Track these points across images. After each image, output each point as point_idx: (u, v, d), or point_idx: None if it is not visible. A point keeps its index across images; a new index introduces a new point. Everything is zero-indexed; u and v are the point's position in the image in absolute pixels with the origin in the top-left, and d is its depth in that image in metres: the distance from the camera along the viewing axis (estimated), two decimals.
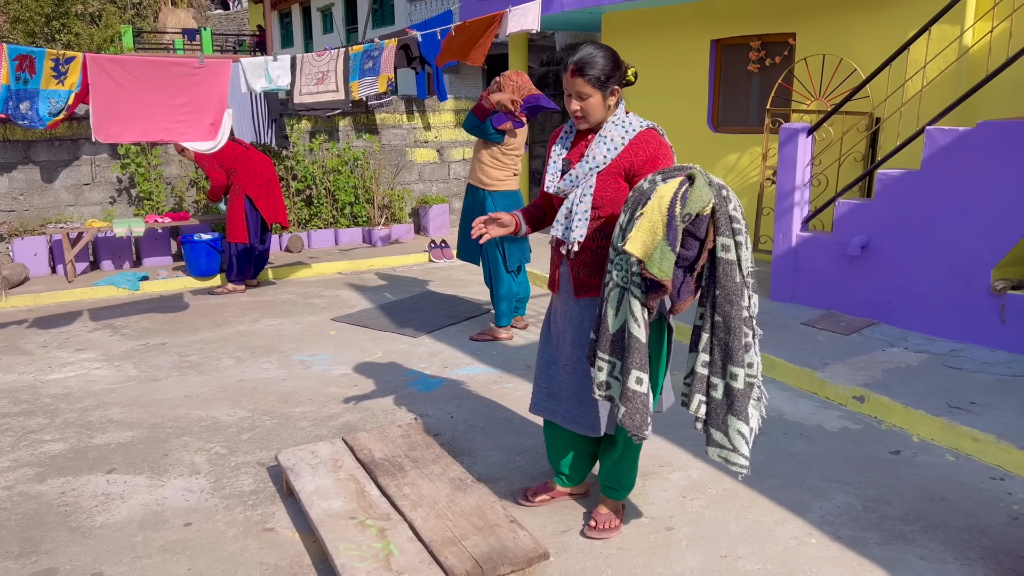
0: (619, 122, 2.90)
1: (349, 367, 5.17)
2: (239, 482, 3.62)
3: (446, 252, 8.48)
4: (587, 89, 2.81)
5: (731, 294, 2.57)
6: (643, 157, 2.83)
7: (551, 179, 2.98)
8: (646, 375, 2.64)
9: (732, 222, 2.55)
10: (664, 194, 2.53)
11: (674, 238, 2.50)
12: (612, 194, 2.85)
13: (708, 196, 2.50)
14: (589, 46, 2.87)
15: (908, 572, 2.87)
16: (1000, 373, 4.53)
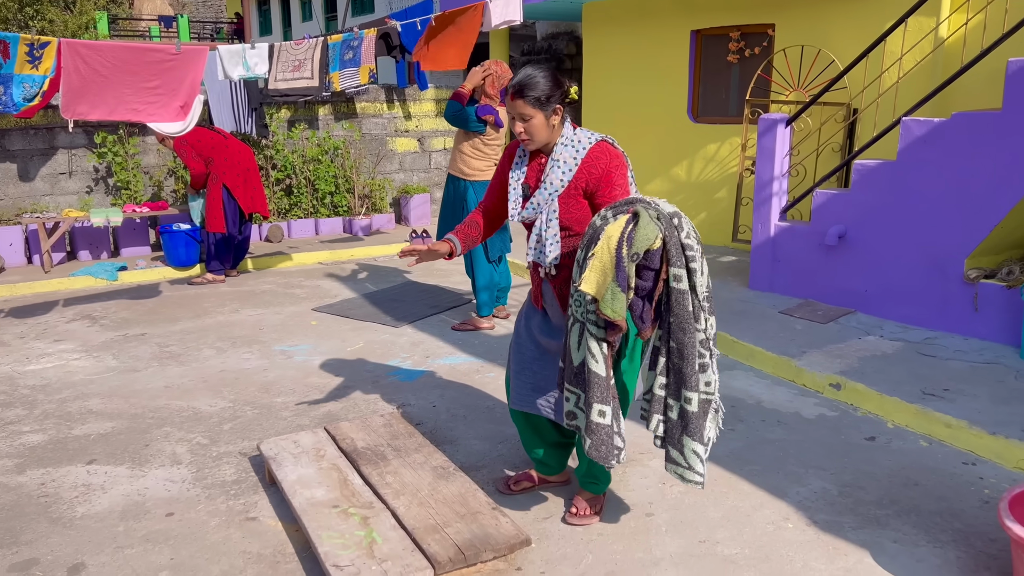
0: (569, 142, 2.95)
1: (330, 357, 5.17)
2: (221, 472, 3.62)
3: (427, 242, 8.47)
4: (528, 110, 2.86)
5: (684, 322, 2.63)
6: (597, 173, 2.87)
7: (513, 206, 3.03)
8: (609, 407, 2.69)
9: (685, 250, 2.60)
10: (612, 234, 2.61)
11: (623, 279, 2.58)
12: (577, 213, 2.93)
13: (653, 233, 2.55)
14: (528, 68, 2.94)
15: (882, 555, 2.93)
16: (972, 360, 4.62)
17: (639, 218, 2.58)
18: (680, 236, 2.60)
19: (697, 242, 2.65)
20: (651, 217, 2.57)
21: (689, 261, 2.60)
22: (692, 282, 2.61)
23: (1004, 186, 4.65)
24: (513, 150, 3.16)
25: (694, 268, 2.60)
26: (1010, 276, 4.83)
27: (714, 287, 6.29)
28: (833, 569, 2.85)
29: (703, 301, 2.64)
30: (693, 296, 2.62)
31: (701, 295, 2.63)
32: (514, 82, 2.90)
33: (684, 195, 8.02)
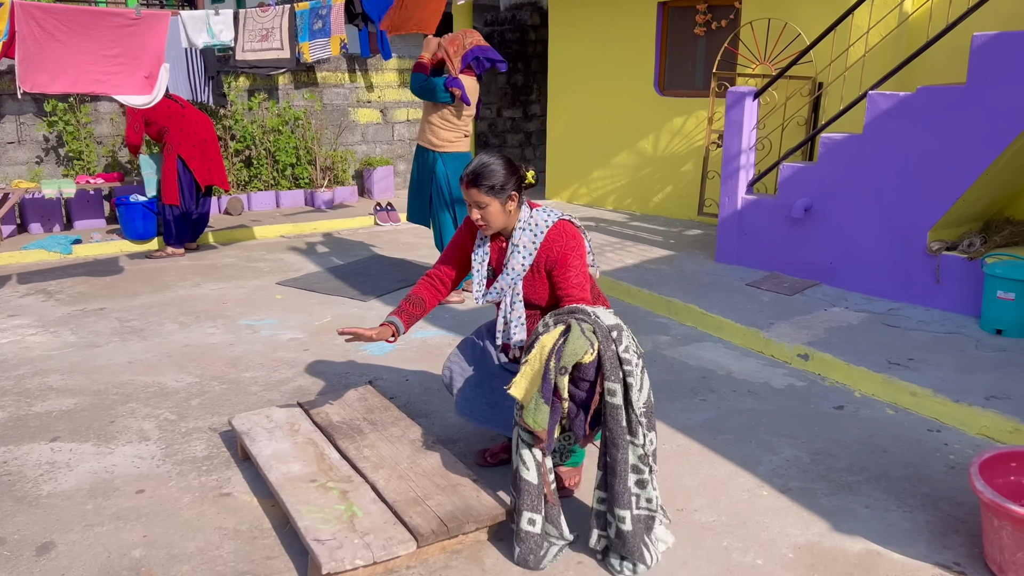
0: (527, 226, 3.00)
1: (298, 331, 5.10)
2: (191, 448, 3.55)
3: (392, 215, 8.38)
4: (484, 198, 2.90)
5: (617, 438, 2.63)
6: (554, 255, 2.95)
7: (478, 287, 3.09)
8: (539, 515, 2.70)
9: (622, 364, 2.62)
10: (545, 343, 2.65)
11: (548, 391, 2.61)
12: (541, 291, 3.02)
13: (582, 348, 2.58)
14: (483, 155, 2.99)
15: (854, 520, 3.00)
16: (935, 331, 4.72)
17: (570, 331, 2.62)
18: (618, 350, 2.63)
19: (637, 356, 2.69)
20: (582, 331, 2.61)
21: (626, 376, 2.62)
22: (628, 397, 2.63)
23: (967, 159, 4.73)
24: (473, 227, 3.18)
25: (631, 383, 2.62)
26: (971, 248, 4.93)
27: (681, 260, 6.34)
28: (808, 534, 2.90)
29: (640, 416, 2.65)
30: (629, 411, 2.64)
31: (639, 410, 2.64)
32: (468, 171, 2.96)
33: (650, 168, 8.04)
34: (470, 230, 3.19)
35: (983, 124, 4.63)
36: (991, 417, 3.65)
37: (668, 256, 6.52)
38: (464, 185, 2.95)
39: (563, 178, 9.04)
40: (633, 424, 2.63)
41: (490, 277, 3.12)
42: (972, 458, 3.45)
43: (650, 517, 2.70)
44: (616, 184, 8.45)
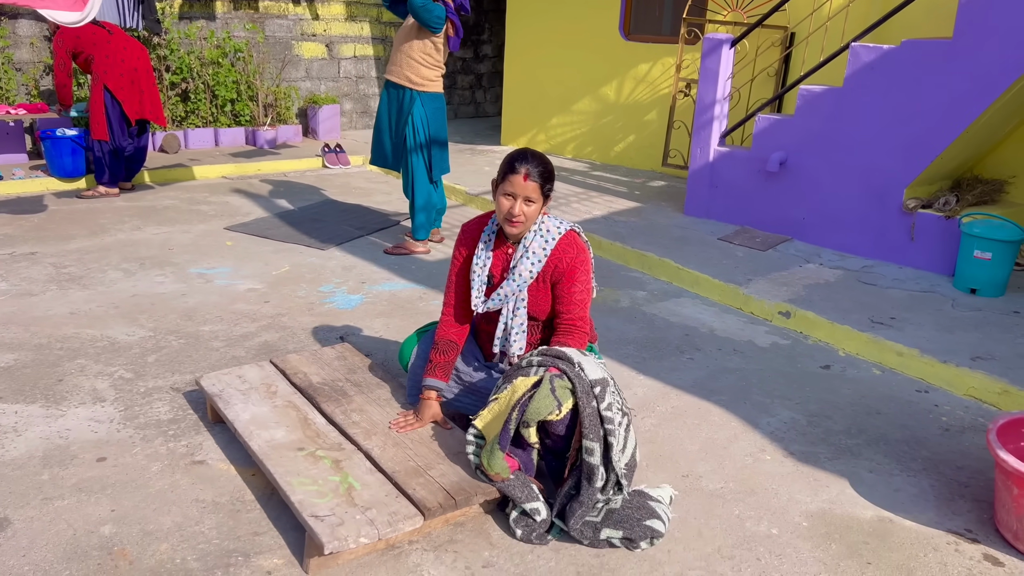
0: (539, 231, 2.83)
1: (256, 281, 4.77)
2: (154, 410, 3.25)
3: (342, 157, 7.98)
4: (537, 195, 2.74)
5: (586, 497, 2.48)
6: (564, 266, 2.81)
7: (477, 295, 2.87)
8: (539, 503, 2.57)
9: (604, 423, 2.48)
10: (517, 389, 2.57)
11: (505, 439, 2.50)
12: (544, 303, 2.88)
13: (547, 408, 2.46)
14: (536, 152, 2.79)
15: (860, 485, 2.94)
16: (911, 289, 4.72)
17: (539, 388, 2.50)
18: (599, 407, 2.49)
19: (622, 414, 2.56)
20: (552, 390, 2.48)
21: (607, 435, 2.47)
22: (608, 456, 2.48)
23: (950, 115, 4.68)
24: (475, 233, 2.95)
25: (612, 443, 2.47)
26: (947, 207, 4.93)
27: (649, 212, 6.20)
28: (818, 501, 2.83)
29: (621, 477, 2.51)
30: (608, 470, 2.49)
31: (619, 470, 2.50)
32: (530, 163, 2.73)
33: (612, 116, 7.83)
34: (472, 240, 2.96)
35: (968, 80, 4.57)
36: (979, 378, 3.65)
37: (635, 208, 6.37)
38: (523, 176, 2.70)
39: (520, 124, 8.75)
40: (609, 484, 2.51)
41: (488, 285, 2.93)
42: (964, 420, 3.45)
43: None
44: (576, 132, 8.23)
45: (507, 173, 2.74)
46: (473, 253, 2.93)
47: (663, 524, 2.57)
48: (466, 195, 6.80)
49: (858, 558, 2.54)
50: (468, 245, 2.96)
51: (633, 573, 2.43)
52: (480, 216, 3.01)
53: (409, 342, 3.14)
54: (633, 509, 2.58)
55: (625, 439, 2.53)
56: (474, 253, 2.92)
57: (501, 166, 2.80)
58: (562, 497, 2.56)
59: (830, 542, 2.61)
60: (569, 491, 2.54)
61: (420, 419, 2.87)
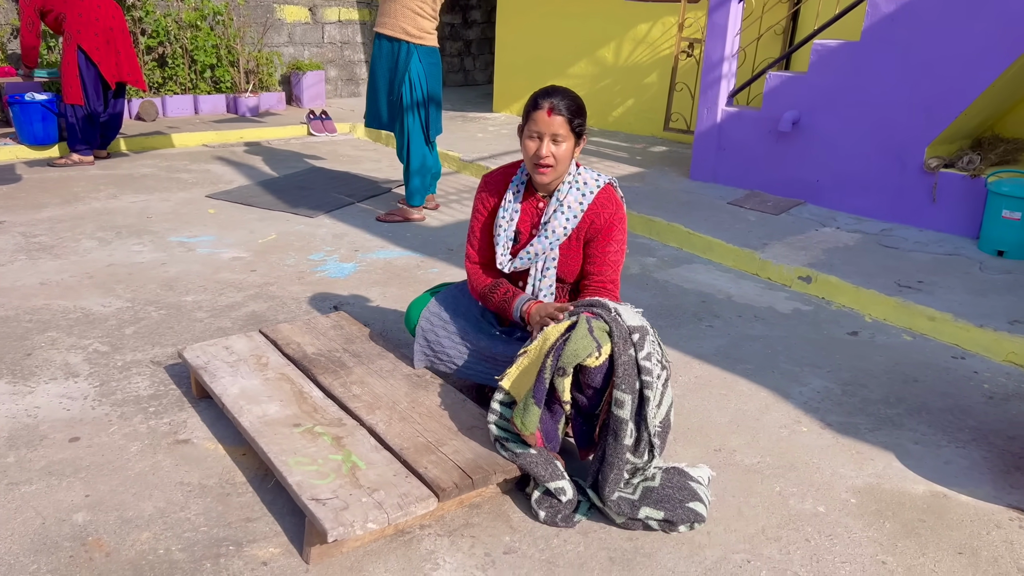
0: (576, 183, 2.56)
1: (241, 250, 4.47)
2: (132, 385, 2.97)
3: (328, 125, 7.63)
4: (564, 131, 2.44)
5: (613, 455, 2.21)
6: (599, 224, 2.55)
7: (503, 252, 2.62)
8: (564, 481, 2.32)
9: (640, 373, 2.19)
10: (548, 336, 2.28)
11: (540, 392, 2.21)
12: (573, 263, 2.62)
13: (585, 350, 2.15)
14: (561, 87, 2.49)
15: (908, 458, 2.71)
16: (935, 252, 4.48)
17: (575, 328, 2.20)
18: (637, 356, 2.20)
19: (661, 366, 2.26)
20: (590, 330, 2.18)
21: (643, 387, 2.19)
22: (643, 412, 2.20)
23: (975, 69, 4.43)
24: (500, 184, 2.67)
25: (648, 396, 2.19)
26: (970, 165, 4.69)
27: (653, 178, 5.93)
28: (864, 475, 2.60)
29: (654, 436, 2.23)
30: (641, 428, 2.22)
31: (652, 428, 2.22)
32: (552, 96, 2.43)
33: (610, 79, 7.53)
34: (497, 193, 2.68)
35: (995, 31, 4.31)
36: (1020, 343, 3.42)
37: (638, 173, 6.09)
38: (547, 110, 2.42)
39: (513, 90, 8.43)
40: (641, 445, 2.24)
41: (515, 243, 2.65)
42: (1008, 388, 3.23)
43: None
44: None
45: (530, 111, 2.47)
46: (499, 205, 2.65)
47: (704, 507, 2.32)
48: (460, 162, 6.50)
49: (915, 537, 2.31)
50: (493, 196, 2.68)
51: (671, 558, 2.18)
52: (505, 166, 2.73)
53: (418, 303, 2.86)
54: (674, 489, 2.33)
55: (662, 395, 2.26)
56: (500, 205, 2.64)
57: (525, 107, 2.52)
58: (594, 463, 2.30)
59: (883, 520, 2.38)
60: (600, 455, 2.28)
61: (545, 314, 2.45)
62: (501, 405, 2.36)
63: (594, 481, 2.29)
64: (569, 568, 2.13)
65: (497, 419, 2.36)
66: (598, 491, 2.26)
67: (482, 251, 2.76)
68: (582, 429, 2.38)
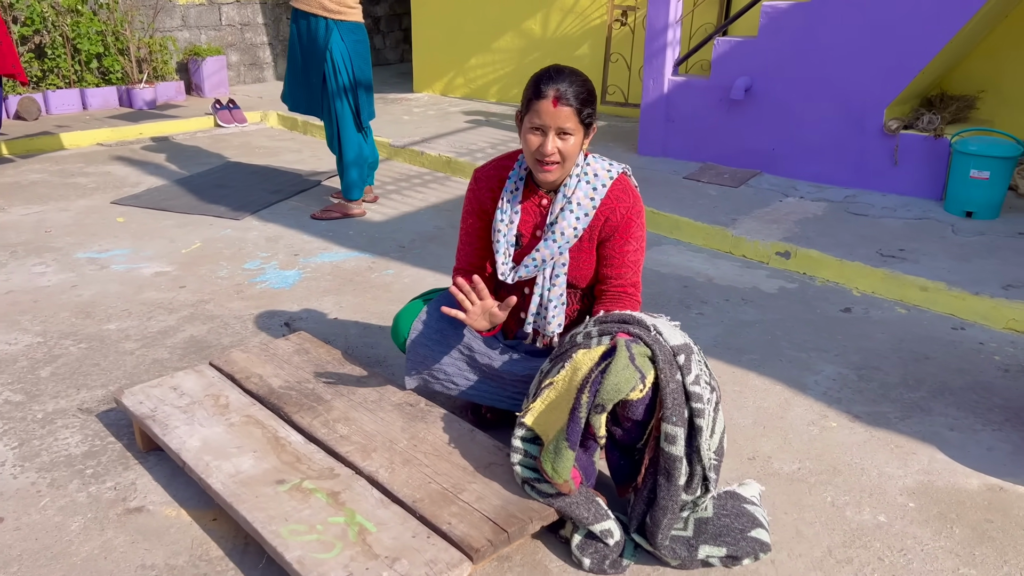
0: (585, 176, 2.23)
1: (163, 263, 3.94)
2: (60, 442, 2.47)
3: (236, 115, 7.01)
4: (572, 123, 2.09)
5: (665, 499, 1.91)
6: (616, 219, 2.23)
7: (504, 260, 2.27)
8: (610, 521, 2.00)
9: (689, 400, 1.88)
10: (580, 366, 1.91)
11: (575, 433, 1.87)
12: (586, 267, 2.29)
13: (628, 384, 1.82)
14: (566, 68, 2.13)
15: (948, 447, 2.51)
16: (904, 217, 4.36)
17: (615, 357, 1.85)
18: (686, 381, 1.88)
19: (711, 389, 1.95)
20: (631, 359, 1.84)
21: (694, 416, 1.88)
22: (695, 444, 1.89)
23: (934, 25, 4.30)
24: (494, 180, 2.31)
25: (700, 425, 1.88)
26: (931, 126, 4.58)
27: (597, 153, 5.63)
28: (912, 473, 2.38)
29: (709, 470, 1.93)
30: (694, 462, 1.91)
31: (707, 461, 1.92)
32: (557, 83, 2.07)
33: (539, 53, 7.17)
34: (490, 191, 2.33)
35: None
36: (1018, 309, 3.29)
37: None
38: (551, 99, 2.06)
39: (433, 68, 7.96)
40: (695, 480, 1.94)
41: (517, 248, 2.31)
42: (1020, 359, 3.09)
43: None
44: (499, 72, 7.53)
45: (531, 99, 2.10)
46: (495, 207, 2.29)
47: (767, 533, 2.04)
48: (391, 147, 6.05)
49: (990, 543, 2.10)
50: (487, 195, 2.32)
51: None
52: (499, 159, 2.36)
53: (407, 313, 2.47)
54: (731, 517, 2.04)
55: (714, 420, 1.96)
56: (497, 207, 2.27)
57: (524, 92, 2.16)
58: (639, 505, 1.98)
59: (950, 526, 2.16)
60: (647, 496, 1.97)
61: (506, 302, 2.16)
62: (524, 442, 2.02)
63: (640, 524, 1.98)
64: None
65: (522, 458, 2.01)
66: (648, 536, 1.95)
67: (469, 257, 2.41)
68: (619, 463, 2.06)
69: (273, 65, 8.92)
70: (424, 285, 3.69)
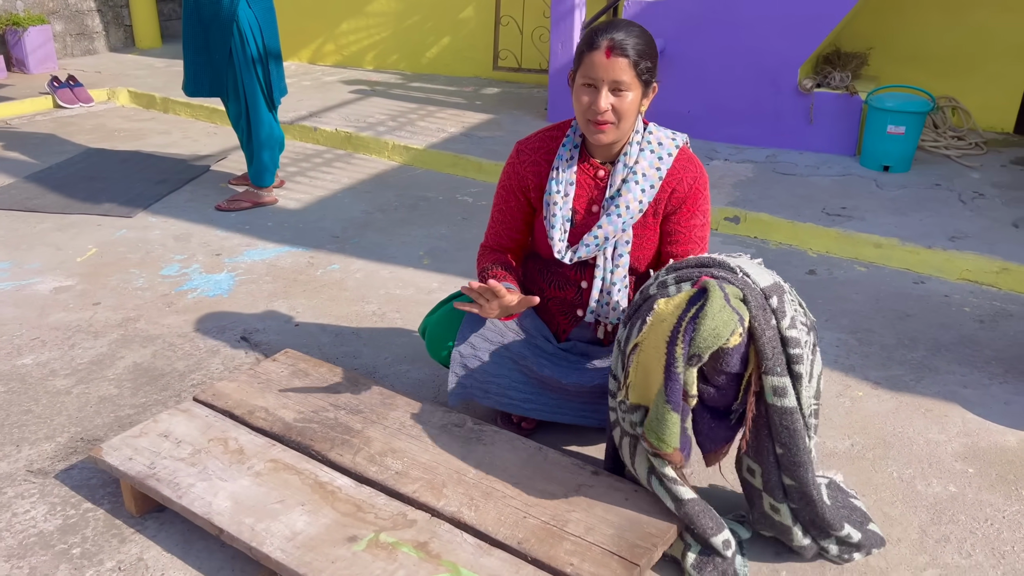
0: (649, 145, 2.04)
1: (60, 276, 3.34)
2: (20, 518, 2.00)
3: (80, 93, 6.13)
4: (628, 77, 1.89)
5: (797, 453, 1.75)
6: (683, 190, 2.04)
7: (560, 239, 2.05)
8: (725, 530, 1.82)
9: (787, 346, 1.70)
10: (664, 315, 1.69)
11: (675, 393, 1.67)
12: (648, 246, 2.10)
13: (727, 328, 1.62)
14: (623, 20, 2.00)
15: (972, 405, 2.56)
16: (829, 174, 4.47)
17: (708, 300, 1.63)
18: (781, 326, 1.70)
19: (808, 331, 1.78)
20: (726, 300, 1.63)
21: (793, 362, 1.71)
22: (797, 392, 1.73)
23: None
24: (542, 152, 2.07)
25: (800, 372, 1.72)
26: (842, 83, 4.71)
27: (509, 124, 5.41)
28: (954, 436, 2.40)
29: (808, 418, 1.78)
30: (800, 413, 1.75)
31: (807, 408, 1.76)
32: (612, 34, 1.87)
33: (419, 16, 6.76)
34: (533, 163, 2.08)
35: None
36: (972, 259, 3.44)
37: (490, 120, 5.52)
38: (604, 50, 1.84)
39: (300, 34, 7.31)
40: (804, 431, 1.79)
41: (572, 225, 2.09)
42: (985, 308, 3.23)
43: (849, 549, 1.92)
44: (375, 38, 7.04)
45: (583, 52, 1.91)
46: (541, 180, 2.04)
47: (877, 527, 1.97)
48: None
49: None
50: (530, 170, 2.08)
51: None
52: (545, 129, 2.13)
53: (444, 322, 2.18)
54: (848, 510, 1.94)
55: (811, 366, 1.78)
56: (546, 180, 2.03)
57: (577, 48, 1.93)
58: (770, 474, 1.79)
59: (1015, 488, 2.19)
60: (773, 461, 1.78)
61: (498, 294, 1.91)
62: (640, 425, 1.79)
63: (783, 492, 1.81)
64: None
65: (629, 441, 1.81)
66: (804, 501, 1.79)
67: (500, 237, 2.19)
68: (711, 426, 1.84)
69: (105, 35, 7.91)
70: (379, 279, 3.35)
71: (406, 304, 3.15)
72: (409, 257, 3.59)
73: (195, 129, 5.64)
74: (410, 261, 3.56)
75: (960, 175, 4.45)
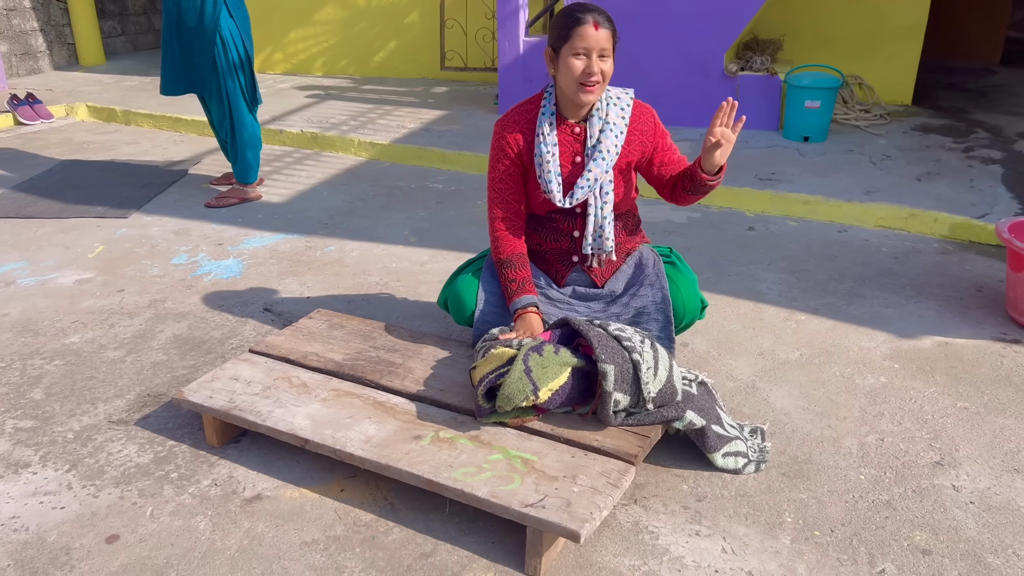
0: (612, 99, 2.47)
1: (78, 270, 3.61)
2: (117, 456, 2.32)
3: (40, 110, 6.28)
4: (610, 45, 2.32)
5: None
6: (649, 133, 2.50)
7: (557, 188, 2.45)
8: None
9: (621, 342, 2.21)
10: (491, 360, 2.21)
11: (482, 411, 2.19)
12: (626, 188, 2.54)
13: (521, 394, 2.10)
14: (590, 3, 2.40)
15: (897, 321, 3.09)
16: (758, 147, 5.03)
17: (510, 370, 2.14)
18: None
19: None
20: (526, 373, 2.12)
21: (630, 351, 2.19)
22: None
23: None
24: (524, 123, 2.49)
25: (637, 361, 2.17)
26: (763, 66, 5.28)
27: (463, 118, 5.82)
28: (882, 344, 2.92)
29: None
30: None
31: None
32: (590, 9, 2.31)
33: (366, 23, 7.13)
34: (523, 134, 2.48)
35: None
36: (884, 209, 4.02)
37: (446, 116, 5.93)
38: (591, 24, 2.27)
39: None
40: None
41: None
42: (898, 247, 3.80)
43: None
44: (323, 45, 7.37)
45: (571, 27, 2.32)
46: (527, 146, 2.47)
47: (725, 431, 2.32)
48: None
49: (966, 382, 2.67)
50: (513, 140, 2.48)
51: (831, 458, 2.30)
52: (520, 104, 2.54)
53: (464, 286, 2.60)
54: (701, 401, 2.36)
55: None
56: (533, 143, 2.45)
57: (556, 26, 2.37)
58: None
59: (931, 375, 2.72)
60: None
61: (527, 333, 2.37)
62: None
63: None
64: (759, 494, 2.15)
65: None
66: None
67: (507, 202, 2.56)
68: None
69: (48, 54, 8.01)
70: (374, 256, 3.73)
71: (404, 275, 3.53)
72: (397, 236, 3.98)
73: (162, 138, 5.89)
74: (398, 240, 3.94)
75: (869, 142, 5.07)
